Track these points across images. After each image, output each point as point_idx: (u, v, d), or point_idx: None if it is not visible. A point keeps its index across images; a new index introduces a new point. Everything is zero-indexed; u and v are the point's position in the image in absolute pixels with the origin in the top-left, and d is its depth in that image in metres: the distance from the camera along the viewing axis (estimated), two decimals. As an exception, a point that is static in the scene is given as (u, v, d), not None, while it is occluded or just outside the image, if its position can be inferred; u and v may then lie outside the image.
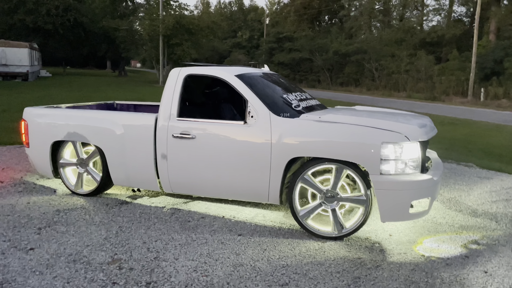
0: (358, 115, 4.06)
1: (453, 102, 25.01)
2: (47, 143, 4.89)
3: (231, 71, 4.36)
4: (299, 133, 3.80)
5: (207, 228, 3.97)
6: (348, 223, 3.81)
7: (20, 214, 4.15)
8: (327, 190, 3.79)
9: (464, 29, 34.78)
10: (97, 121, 4.65)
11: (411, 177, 3.55)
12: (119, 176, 4.62)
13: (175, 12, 32.78)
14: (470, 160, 7.80)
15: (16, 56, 27.48)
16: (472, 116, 16.28)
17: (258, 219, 4.27)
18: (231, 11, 79.25)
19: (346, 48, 36.04)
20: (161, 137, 4.33)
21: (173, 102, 4.36)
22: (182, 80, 4.42)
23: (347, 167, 3.69)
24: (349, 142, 3.61)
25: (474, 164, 7.43)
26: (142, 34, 33.45)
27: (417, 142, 3.62)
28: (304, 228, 3.89)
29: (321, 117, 3.92)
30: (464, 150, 8.91)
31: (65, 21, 41.58)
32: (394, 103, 21.91)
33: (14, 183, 5.25)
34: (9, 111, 12.14)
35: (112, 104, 6.50)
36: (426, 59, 31.14)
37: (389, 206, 3.56)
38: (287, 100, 4.32)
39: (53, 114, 4.97)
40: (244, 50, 63.29)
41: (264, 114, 3.98)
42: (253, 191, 4.07)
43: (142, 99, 17.76)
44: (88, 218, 4.12)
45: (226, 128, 4.12)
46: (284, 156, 3.84)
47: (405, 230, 4.08)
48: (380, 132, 3.59)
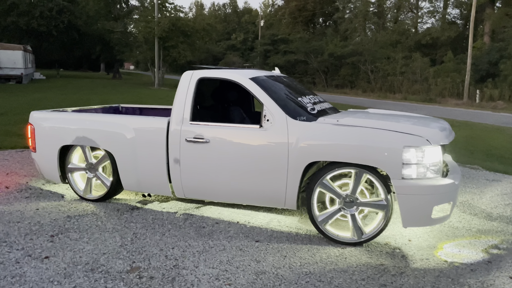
0: (377, 118, 4.00)
1: (448, 104, 25.14)
2: (55, 147, 4.79)
3: (245, 74, 4.28)
4: (318, 137, 3.73)
5: (223, 234, 3.89)
6: (368, 229, 3.75)
7: (31, 221, 4.04)
8: (346, 195, 3.73)
9: (458, 31, 35.01)
10: (108, 125, 4.55)
11: (433, 181, 3.50)
12: (130, 181, 4.53)
13: (171, 14, 32.65)
14: (474, 162, 7.79)
15: (10, 58, 27.21)
16: (470, 118, 16.34)
17: (274, 224, 4.20)
18: (225, 13, 79.28)
19: (342, 50, 36.12)
20: (174, 141, 4.24)
21: (185, 106, 4.28)
22: (195, 83, 4.34)
23: (367, 171, 3.63)
24: (370, 146, 3.55)
25: (480, 167, 7.42)
26: (137, 36, 33.25)
27: (439, 146, 3.57)
28: (322, 233, 3.83)
29: (339, 120, 3.86)
30: (467, 152, 8.91)
31: (59, 23, 41.32)
32: (391, 105, 21.96)
33: (20, 188, 5.13)
34: (6, 114, 11.98)
35: (118, 107, 6.40)
36: (421, 61, 31.30)
37: (411, 211, 3.51)
38: (302, 103, 4.25)
39: (61, 118, 4.86)
40: (239, 52, 63.31)
41: (280, 118, 3.91)
42: (269, 196, 4.00)
43: (139, 101, 17.63)
44: (101, 225, 4.02)
45: (241, 132, 4.05)
46: (302, 161, 3.77)
47: (423, 235, 4.03)
48: (402, 135, 3.53)
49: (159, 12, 31.90)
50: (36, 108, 13.47)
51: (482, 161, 7.98)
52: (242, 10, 78.09)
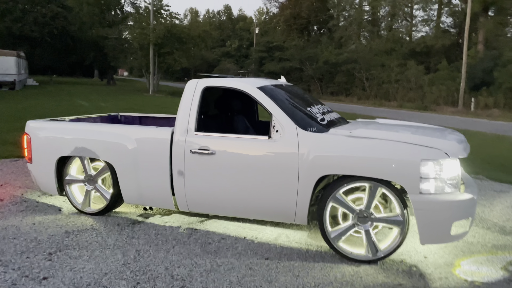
0: (391, 129, 3.86)
1: (444, 112, 25.16)
2: (52, 158, 4.58)
3: (252, 83, 4.12)
4: (331, 149, 3.57)
5: (230, 251, 3.70)
6: (382, 245, 3.59)
7: (27, 237, 3.83)
8: (360, 210, 3.56)
9: (452, 39, 35.22)
10: (108, 136, 4.36)
11: (452, 196, 3.35)
12: (131, 193, 4.33)
13: (166, 21, 32.52)
14: (476, 171, 7.67)
15: (3, 64, 26.87)
16: (467, 126, 16.29)
17: (282, 240, 4.02)
18: (220, 20, 79.38)
19: (337, 57, 36.18)
20: (178, 152, 4.06)
21: (190, 116, 4.11)
22: (200, 92, 4.18)
23: (383, 185, 3.47)
24: (386, 159, 3.39)
25: (484, 177, 7.31)
26: (132, 42, 33.04)
27: (457, 159, 3.43)
28: (335, 250, 3.65)
29: (352, 132, 3.70)
30: (467, 162, 8.78)
31: (53, 29, 41.07)
32: (387, 113, 21.92)
33: (15, 201, 4.91)
34: (0, 121, 11.72)
35: (116, 116, 6.21)
36: (416, 69, 31.39)
37: (429, 227, 3.35)
38: (312, 113, 4.10)
39: (59, 128, 4.67)
40: (233, 59, 63.35)
41: (290, 129, 3.74)
42: (278, 211, 3.82)
43: (135, 108, 17.42)
44: (101, 241, 3.82)
45: (249, 143, 3.88)
46: (313, 174, 3.60)
47: (438, 251, 3.87)
48: (419, 148, 3.38)
49: (154, 18, 31.77)
50: (29, 115, 13.21)
51: (484, 170, 7.86)
52: (237, 17, 78.25)
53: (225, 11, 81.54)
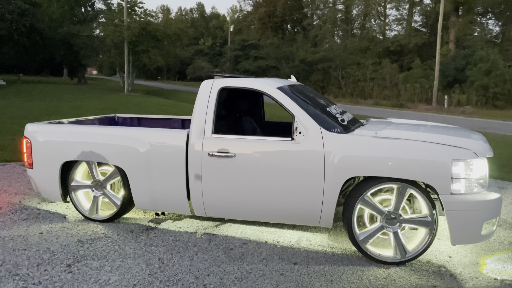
0: (415, 130, 3.84)
1: (418, 109, 25.72)
2: (56, 163, 4.34)
3: (271, 84, 4.02)
4: (358, 150, 3.51)
5: (256, 257, 3.60)
6: (410, 246, 3.56)
7: (39, 248, 3.60)
8: (388, 212, 3.52)
9: (424, 38, 36.05)
10: (118, 139, 4.16)
11: (482, 196, 3.35)
12: (144, 199, 4.16)
13: (140, 19, 31.83)
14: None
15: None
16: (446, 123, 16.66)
17: (304, 243, 3.94)
18: (193, 18, 78.56)
19: (312, 56, 36.42)
20: (195, 155, 3.91)
21: (207, 117, 3.96)
22: (216, 93, 4.03)
23: (411, 186, 3.44)
24: (416, 159, 3.36)
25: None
26: (105, 40, 32.15)
27: (485, 159, 3.43)
28: (363, 253, 3.60)
29: (378, 132, 3.66)
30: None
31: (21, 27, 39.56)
32: (365, 111, 22.21)
33: (15, 209, 4.63)
34: (-26, 123, 11.14)
35: (114, 117, 5.97)
36: (390, 67, 32.00)
37: (461, 228, 3.34)
38: (332, 113, 4.04)
39: (63, 131, 4.42)
40: (207, 57, 62.86)
41: (314, 130, 3.66)
42: (303, 214, 3.74)
43: (114, 108, 16.98)
44: (119, 249, 3.64)
45: (271, 145, 3.77)
46: (340, 176, 3.53)
47: (461, 251, 3.88)
48: (450, 149, 3.36)
49: (128, 16, 31.05)
50: (4, 116, 12.65)
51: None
52: (210, 15, 77.64)
53: (197, 8, 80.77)
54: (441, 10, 27.03)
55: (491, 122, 18.13)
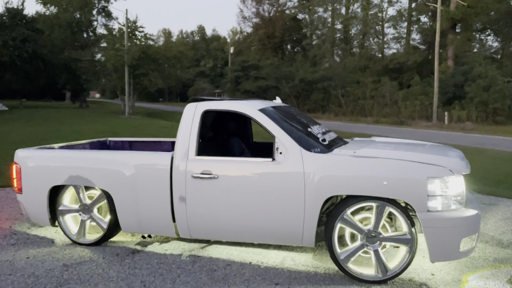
0: (393, 148, 3.90)
1: (419, 126, 25.78)
2: (44, 188, 4.41)
3: (253, 105, 4.10)
4: (337, 170, 3.56)
5: (238, 278, 3.62)
6: (391, 264, 3.58)
7: (24, 273, 3.64)
8: (368, 230, 3.55)
9: (422, 56, 36.37)
10: (104, 163, 4.24)
11: (459, 213, 3.38)
12: (130, 222, 4.20)
13: (141, 42, 32.36)
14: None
15: (-29, 90, 26.10)
16: (444, 140, 16.70)
17: (288, 263, 3.96)
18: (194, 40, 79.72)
19: (312, 75, 36.74)
20: (179, 177, 3.97)
21: (190, 140, 4.04)
22: (200, 116, 4.12)
23: (390, 204, 3.48)
24: (393, 178, 3.41)
25: (470, 190, 7.45)
26: (106, 64, 32.64)
27: (461, 176, 3.48)
28: (344, 272, 3.61)
29: (356, 151, 3.72)
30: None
31: (23, 53, 40.20)
32: (365, 129, 22.29)
33: (4, 234, 4.69)
34: (-27, 149, 11.27)
35: (105, 141, 6.06)
36: (390, 85, 32.19)
37: (439, 245, 3.36)
38: (313, 133, 4.11)
39: (50, 156, 4.51)
40: (208, 78, 63.57)
41: (294, 150, 3.73)
42: (285, 234, 3.77)
43: (113, 131, 17.12)
44: (102, 273, 3.67)
45: (252, 165, 3.83)
46: (320, 195, 3.58)
47: (444, 268, 3.89)
48: (425, 166, 3.41)
49: (129, 40, 31.58)
50: (3, 142, 12.80)
51: (468, 184, 8.01)
52: (210, 37, 78.80)
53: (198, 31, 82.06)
54: (437, 28, 27.37)
55: (490, 138, 18.14)
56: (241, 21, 71.58)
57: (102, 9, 41.60)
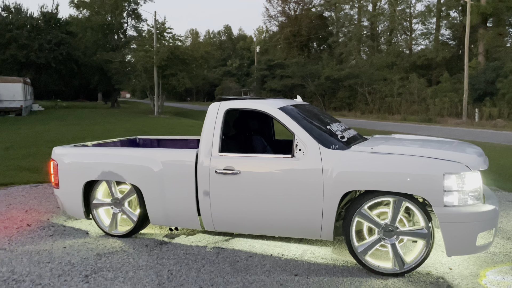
0: (411, 145, 3.98)
1: (448, 124, 25.29)
2: (79, 183, 4.71)
3: (273, 104, 4.27)
4: (354, 166, 3.69)
5: (259, 268, 3.79)
6: (408, 258, 3.68)
7: (61, 261, 3.93)
8: (385, 224, 3.66)
9: (452, 51, 35.57)
10: (134, 159, 4.50)
11: (475, 208, 3.45)
12: (158, 215, 4.45)
13: (169, 43, 33.01)
14: (488, 183, 7.74)
15: (10, 91, 27.26)
16: (474, 138, 16.39)
17: (308, 256, 4.10)
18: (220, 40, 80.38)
19: (338, 73, 36.53)
20: (203, 173, 4.19)
21: (214, 137, 4.24)
22: (223, 114, 4.32)
23: (407, 199, 3.58)
24: (409, 173, 3.51)
25: (497, 187, 7.38)
26: (136, 65, 33.47)
27: (478, 172, 3.54)
28: (362, 265, 3.74)
29: (373, 148, 3.83)
30: (480, 173, 8.87)
31: (58, 55, 41.72)
32: (392, 126, 22.07)
33: (42, 226, 5.02)
34: (12, 148, 11.89)
35: (135, 139, 6.36)
36: (418, 82, 31.66)
37: (455, 239, 3.44)
38: (332, 131, 4.23)
39: (85, 153, 4.81)
40: (234, 78, 63.99)
41: (313, 147, 3.87)
42: (304, 227, 3.92)
43: (142, 130, 17.61)
44: (133, 262, 3.92)
45: (273, 162, 4.00)
46: (338, 190, 3.71)
47: (463, 263, 3.95)
48: (441, 162, 3.50)
49: (157, 41, 32.27)
50: (41, 141, 13.41)
51: (496, 182, 7.94)
52: (237, 37, 79.27)
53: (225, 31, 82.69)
54: (467, 23, 26.75)
55: (522, 135, 17.65)
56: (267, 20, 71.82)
57: (132, 11, 42.61)
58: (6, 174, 8.05)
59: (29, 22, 42.36)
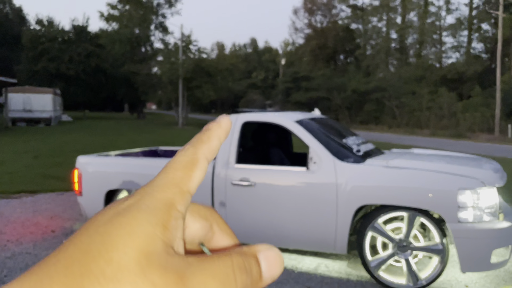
0: (427, 159, 3.96)
1: (479, 139, 24.68)
2: (101, 191, 4.87)
3: (290, 117, 4.33)
4: (368, 180, 3.70)
5: (272, 280, 3.81)
6: (423, 274, 3.63)
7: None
8: (400, 239, 3.64)
9: (484, 65, 34.82)
10: (153, 169, 4.62)
11: (491, 224, 3.39)
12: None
13: (195, 56, 33.62)
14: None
15: (40, 102, 28.24)
16: (506, 154, 15.94)
17: (322, 269, 4.11)
18: (246, 52, 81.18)
19: (365, 86, 36.28)
20: (219, 184, 4.26)
21: (231, 149, 4.33)
22: (240, 127, 4.40)
23: (421, 214, 3.55)
24: (423, 188, 3.49)
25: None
26: (162, 77, 34.20)
27: (494, 188, 3.49)
28: (375, 279, 3.72)
29: (388, 162, 3.83)
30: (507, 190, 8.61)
31: (87, 67, 43.03)
32: (420, 141, 21.70)
33: (66, 232, 5.20)
34: (40, 157, 12.31)
35: (156, 150, 6.52)
36: (448, 96, 31.09)
37: (469, 255, 3.39)
38: (348, 145, 4.25)
39: (108, 163, 4.97)
40: (259, 90, 64.30)
41: (328, 160, 3.90)
42: (318, 240, 3.93)
43: (166, 141, 17.92)
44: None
45: (288, 174, 4.05)
46: (352, 204, 3.72)
47: (479, 280, 3.87)
48: (456, 178, 3.47)
49: (183, 54, 32.91)
50: (68, 150, 13.83)
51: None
52: (263, 49, 79.91)
53: (251, 43, 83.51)
54: (499, 36, 26.22)
55: (555, 151, 17.06)
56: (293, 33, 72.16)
57: (159, 24, 43.67)
58: (34, 182, 8.35)
59: (60, 35, 43.97)
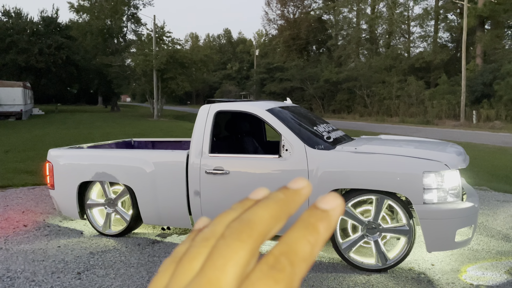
0: (394, 145, 4.11)
1: (446, 126, 25.41)
2: (74, 184, 4.84)
3: (261, 106, 4.40)
4: (338, 165, 3.82)
5: (247, 265, 3.91)
6: (391, 254, 3.79)
7: (55, 259, 4.05)
8: (368, 222, 3.78)
9: (450, 54, 35.72)
10: (127, 160, 4.63)
11: (454, 205, 3.57)
12: (150, 214, 4.57)
13: (168, 47, 33.19)
14: (480, 183, 7.86)
15: (10, 95, 27.43)
16: (470, 139, 16.50)
17: (296, 253, 4.22)
18: (220, 44, 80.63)
19: (337, 76, 36.65)
20: (194, 173, 4.31)
21: (204, 139, 4.37)
22: (213, 116, 4.45)
23: (389, 197, 3.70)
24: (390, 172, 3.63)
25: (488, 187, 7.50)
26: (136, 69, 33.66)
27: (457, 170, 3.66)
28: (346, 261, 3.86)
29: (357, 148, 3.95)
30: (472, 174, 8.98)
31: (58, 59, 41.90)
32: (390, 129, 22.18)
33: (38, 226, 5.15)
34: (12, 151, 12.02)
35: (130, 141, 6.49)
36: (416, 84, 31.75)
37: (434, 235, 3.56)
38: (318, 132, 4.36)
39: (80, 155, 4.94)
40: (234, 81, 64.16)
41: (299, 148, 4.00)
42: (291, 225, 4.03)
43: (141, 133, 17.75)
44: (124, 260, 4.04)
45: (261, 162, 4.13)
46: (323, 189, 3.83)
47: (445, 259, 4.06)
48: (421, 161, 3.62)
49: (156, 45, 32.46)
50: (40, 144, 13.54)
51: (488, 182, 8.05)
52: (237, 40, 79.50)
53: (225, 34, 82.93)
54: (464, 26, 26.91)
55: (519, 137, 17.76)
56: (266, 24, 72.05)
57: (131, 15, 42.84)
58: (5, 177, 8.18)
59: (29, 27, 42.63)
